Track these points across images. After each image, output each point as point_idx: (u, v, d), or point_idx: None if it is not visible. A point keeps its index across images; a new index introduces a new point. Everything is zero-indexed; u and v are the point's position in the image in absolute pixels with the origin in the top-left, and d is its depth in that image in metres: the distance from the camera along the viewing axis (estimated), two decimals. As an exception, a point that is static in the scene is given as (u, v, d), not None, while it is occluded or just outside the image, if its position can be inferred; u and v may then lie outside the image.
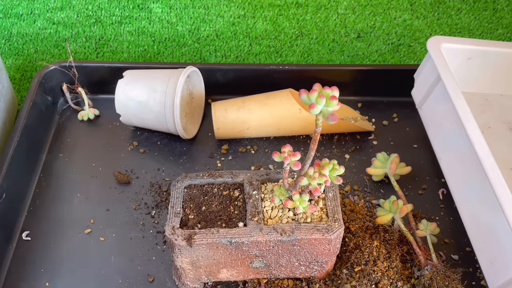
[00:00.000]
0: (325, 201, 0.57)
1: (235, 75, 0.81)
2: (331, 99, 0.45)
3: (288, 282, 0.60)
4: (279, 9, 0.98)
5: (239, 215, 0.56)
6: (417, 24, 0.96)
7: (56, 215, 0.68)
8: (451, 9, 0.98)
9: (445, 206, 0.69)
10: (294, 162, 0.51)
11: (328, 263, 0.58)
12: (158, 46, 0.93)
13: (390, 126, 0.79)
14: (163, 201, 0.69)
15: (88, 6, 0.98)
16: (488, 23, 0.96)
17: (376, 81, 0.81)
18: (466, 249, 0.64)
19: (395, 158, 0.70)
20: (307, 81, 0.64)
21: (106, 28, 0.95)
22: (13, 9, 0.98)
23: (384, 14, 0.97)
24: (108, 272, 0.62)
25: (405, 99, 0.80)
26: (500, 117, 0.72)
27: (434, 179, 0.72)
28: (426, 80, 0.71)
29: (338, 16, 0.97)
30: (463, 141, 0.60)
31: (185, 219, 0.56)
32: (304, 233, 0.54)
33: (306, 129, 0.76)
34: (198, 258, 0.56)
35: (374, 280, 0.58)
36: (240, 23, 0.96)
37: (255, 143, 0.77)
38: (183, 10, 0.98)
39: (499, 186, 0.53)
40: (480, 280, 0.61)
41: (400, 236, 0.63)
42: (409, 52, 0.93)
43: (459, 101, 0.61)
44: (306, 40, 0.94)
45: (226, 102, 0.75)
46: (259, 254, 0.56)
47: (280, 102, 0.73)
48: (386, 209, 0.64)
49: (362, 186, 0.71)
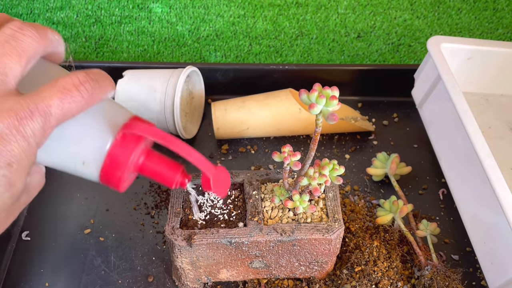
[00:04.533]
0: (325, 201, 0.56)
1: (235, 75, 0.81)
2: (331, 99, 0.45)
3: (288, 282, 0.60)
4: (279, 9, 0.98)
5: (239, 215, 0.56)
6: (417, 24, 0.96)
7: (56, 215, 0.68)
8: (451, 9, 0.98)
9: (445, 206, 0.69)
10: (294, 162, 0.51)
11: (328, 263, 0.58)
12: (158, 46, 0.93)
13: (390, 126, 0.79)
14: (163, 201, 0.69)
15: (88, 6, 0.98)
16: (488, 22, 0.96)
17: (376, 81, 0.81)
18: (466, 249, 0.64)
19: (395, 158, 0.70)
20: (307, 81, 0.64)
21: (106, 28, 0.95)
22: (12, 9, 0.97)
23: (384, 14, 0.97)
24: (108, 272, 0.62)
25: (405, 99, 0.80)
26: (501, 117, 0.72)
27: (434, 179, 0.72)
28: (426, 80, 0.71)
29: (338, 16, 0.97)
30: (463, 141, 0.60)
31: (185, 219, 0.56)
32: (304, 233, 0.53)
33: (306, 129, 0.76)
34: (198, 258, 0.55)
35: (374, 280, 0.58)
36: (240, 23, 0.96)
37: (255, 143, 0.77)
38: (183, 10, 0.98)
39: (500, 186, 0.53)
40: (481, 280, 0.61)
41: (400, 236, 0.63)
42: (409, 52, 0.93)
43: (459, 101, 0.61)
44: (306, 40, 0.94)
45: (226, 102, 0.75)
46: (259, 254, 0.55)
47: (280, 102, 0.73)
48: (386, 209, 0.64)
49: (362, 186, 0.71)
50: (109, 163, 0.39)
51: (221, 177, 0.45)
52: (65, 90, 0.34)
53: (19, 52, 0.34)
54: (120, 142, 0.38)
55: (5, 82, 0.33)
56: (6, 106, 0.32)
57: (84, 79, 0.35)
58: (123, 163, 0.39)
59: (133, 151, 0.39)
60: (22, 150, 0.32)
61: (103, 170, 0.39)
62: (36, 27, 0.36)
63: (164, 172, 0.42)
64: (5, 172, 0.32)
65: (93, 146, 0.39)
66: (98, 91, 0.36)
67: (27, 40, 0.35)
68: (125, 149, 0.39)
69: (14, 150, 0.32)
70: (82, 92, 0.35)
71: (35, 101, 0.33)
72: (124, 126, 0.39)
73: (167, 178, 0.42)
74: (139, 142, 0.39)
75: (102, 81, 0.36)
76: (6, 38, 0.34)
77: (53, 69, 0.40)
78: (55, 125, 0.34)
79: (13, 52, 0.34)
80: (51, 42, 0.37)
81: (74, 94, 0.34)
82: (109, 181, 0.40)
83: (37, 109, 0.33)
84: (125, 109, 0.41)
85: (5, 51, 0.34)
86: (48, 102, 0.33)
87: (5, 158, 0.32)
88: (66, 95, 0.34)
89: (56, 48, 0.38)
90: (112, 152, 0.38)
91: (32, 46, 0.35)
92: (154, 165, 0.42)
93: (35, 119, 0.32)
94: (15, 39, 0.34)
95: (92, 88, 0.35)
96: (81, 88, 0.35)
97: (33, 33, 0.35)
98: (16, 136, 0.32)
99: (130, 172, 0.40)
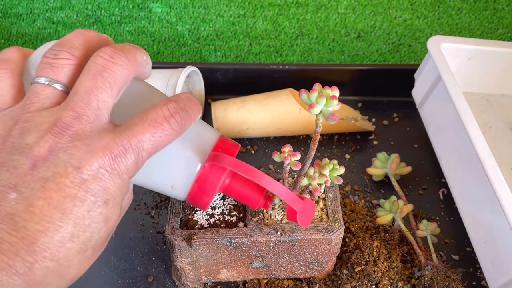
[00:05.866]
0: (325, 201, 0.56)
1: (235, 75, 0.81)
2: (331, 99, 0.45)
3: (288, 282, 0.60)
4: (279, 9, 0.98)
5: (239, 215, 0.56)
6: (418, 24, 0.96)
7: (56, 215, 0.68)
8: (452, 8, 0.98)
9: (445, 206, 0.69)
10: (294, 162, 0.51)
11: (328, 263, 0.58)
12: (157, 45, 0.93)
13: (391, 126, 0.79)
14: (163, 201, 0.69)
15: (88, 6, 0.98)
16: (488, 22, 0.96)
17: (377, 81, 0.81)
18: (467, 249, 0.64)
19: (395, 158, 0.69)
20: (307, 81, 0.64)
21: (106, 28, 0.95)
22: (12, 8, 0.97)
23: (385, 13, 0.97)
24: (107, 272, 0.62)
25: (405, 99, 0.80)
26: (501, 117, 0.72)
27: (434, 179, 0.72)
28: (426, 80, 0.71)
29: (338, 15, 0.97)
30: (464, 141, 0.60)
31: (185, 219, 0.56)
32: (304, 233, 0.53)
33: (306, 129, 0.76)
34: (198, 259, 0.55)
35: (375, 280, 0.58)
36: (240, 22, 0.96)
37: (255, 143, 0.77)
38: (183, 10, 0.98)
39: (500, 186, 0.53)
40: (481, 280, 0.61)
41: (401, 236, 0.63)
42: (410, 52, 0.93)
43: (459, 101, 0.61)
44: (306, 39, 0.94)
45: (226, 102, 0.75)
46: (259, 255, 0.55)
47: (280, 102, 0.73)
48: (387, 209, 0.64)
49: (362, 186, 0.71)
50: (197, 189, 0.40)
51: (307, 209, 0.46)
52: (157, 124, 0.34)
53: (111, 84, 0.34)
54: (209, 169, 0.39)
55: (99, 117, 0.33)
56: (101, 145, 0.32)
57: (174, 111, 0.35)
58: (211, 190, 0.40)
59: (220, 178, 0.40)
60: (117, 187, 0.33)
61: (191, 194, 0.41)
62: (127, 53, 0.35)
63: (249, 194, 0.44)
64: (102, 210, 0.32)
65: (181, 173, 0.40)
66: (187, 122, 0.36)
67: (119, 70, 0.34)
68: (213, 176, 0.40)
69: (110, 188, 0.33)
70: (172, 125, 0.35)
71: (128, 137, 0.33)
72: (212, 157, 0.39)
73: (252, 200, 0.44)
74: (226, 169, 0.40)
75: (191, 110, 0.36)
76: (98, 69, 0.34)
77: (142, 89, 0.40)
78: (147, 159, 0.35)
79: (105, 85, 0.34)
80: (140, 65, 0.37)
81: (166, 128, 0.34)
82: (196, 203, 0.42)
83: (130, 145, 0.33)
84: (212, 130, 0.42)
85: (97, 84, 0.33)
86: (141, 137, 0.33)
87: (102, 197, 0.32)
88: (157, 129, 0.34)
89: (144, 68, 0.38)
90: (200, 179, 0.40)
91: (123, 75, 0.35)
92: (240, 187, 0.43)
93: (129, 156, 0.33)
94: (107, 71, 0.34)
95: (181, 120, 0.35)
96: (172, 120, 0.35)
97: (124, 61, 0.35)
98: (111, 174, 0.32)
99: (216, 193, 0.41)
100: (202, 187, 0.40)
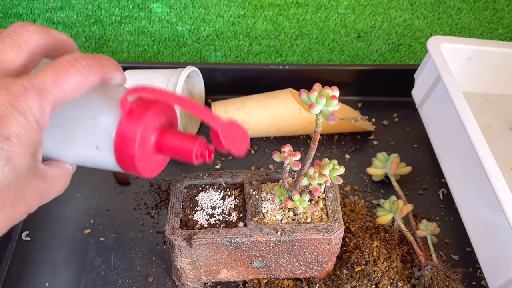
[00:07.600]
0: (325, 201, 0.56)
1: (235, 75, 0.81)
2: (331, 99, 0.45)
3: (288, 282, 0.60)
4: (279, 9, 0.98)
5: (239, 215, 0.56)
6: (418, 24, 0.96)
7: (56, 215, 0.68)
8: (452, 9, 0.98)
9: (445, 206, 0.69)
10: (294, 162, 0.51)
11: (328, 263, 0.58)
12: (158, 46, 0.93)
13: (390, 126, 0.79)
14: (163, 201, 0.69)
15: (88, 6, 0.98)
16: (488, 22, 0.96)
17: (376, 81, 0.81)
18: (467, 249, 0.64)
19: (395, 158, 0.70)
20: (307, 81, 0.64)
21: (106, 28, 0.95)
22: (12, 8, 0.97)
23: (385, 14, 0.97)
24: (107, 272, 0.62)
25: (405, 99, 0.80)
26: (501, 117, 0.72)
27: (434, 179, 0.72)
28: (426, 80, 0.71)
29: (338, 16, 0.97)
30: (464, 141, 0.60)
31: (185, 219, 0.56)
32: (304, 233, 0.53)
33: (306, 129, 0.76)
34: (198, 258, 0.55)
35: (375, 280, 0.58)
36: (240, 22, 0.96)
37: (255, 143, 0.77)
38: (183, 10, 0.98)
39: (500, 186, 0.53)
40: (481, 280, 0.61)
41: (400, 236, 0.63)
42: (409, 52, 0.93)
43: (459, 101, 0.61)
44: (306, 40, 0.94)
45: (226, 102, 0.75)
46: (259, 254, 0.55)
47: (280, 102, 0.73)
48: (386, 209, 0.64)
49: (362, 186, 0.71)
50: (119, 141, 0.38)
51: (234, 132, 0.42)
52: (60, 67, 0.35)
53: (20, 45, 0.36)
54: (127, 116, 0.38)
55: (3, 69, 0.35)
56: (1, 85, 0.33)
57: (79, 56, 0.36)
58: (133, 137, 0.38)
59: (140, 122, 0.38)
60: (20, 125, 0.33)
61: (116, 150, 0.39)
62: (40, 25, 0.38)
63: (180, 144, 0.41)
64: (3, 145, 0.32)
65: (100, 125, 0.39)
66: (96, 68, 0.36)
67: (28, 35, 0.36)
68: (132, 123, 0.38)
69: (12, 126, 0.32)
70: (78, 69, 0.35)
71: (30, 79, 0.34)
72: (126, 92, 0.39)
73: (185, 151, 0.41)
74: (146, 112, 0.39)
75: (101, 60, 0.37)
76: (8, 33, 0.36)
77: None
78: (54, 102, 0.34)
79: (14, 45, 0.36)
80: (56, 40, 0.38)
81: (70, 71, 0.35)
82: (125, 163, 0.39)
83: (32, 85, 0.33)
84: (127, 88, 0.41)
85: (6, 44, 0.36)
86: (43, 79, 0.34)
87: (2, 132, 0.32)
88: (60, 71, 0.35)
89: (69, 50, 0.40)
90: (120, 129, 0.38)
91: (33, 39, 0.37)
92: (169, 139, 0.41)
93: (30, 95, 0.33)
94: (16, 34, 0.36)
95: (88, 65, 0.36)
96: (77, 64, 0.35)
97: (34, 28, 0.37)
98: (12, 111, 0.32)
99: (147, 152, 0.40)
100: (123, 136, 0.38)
